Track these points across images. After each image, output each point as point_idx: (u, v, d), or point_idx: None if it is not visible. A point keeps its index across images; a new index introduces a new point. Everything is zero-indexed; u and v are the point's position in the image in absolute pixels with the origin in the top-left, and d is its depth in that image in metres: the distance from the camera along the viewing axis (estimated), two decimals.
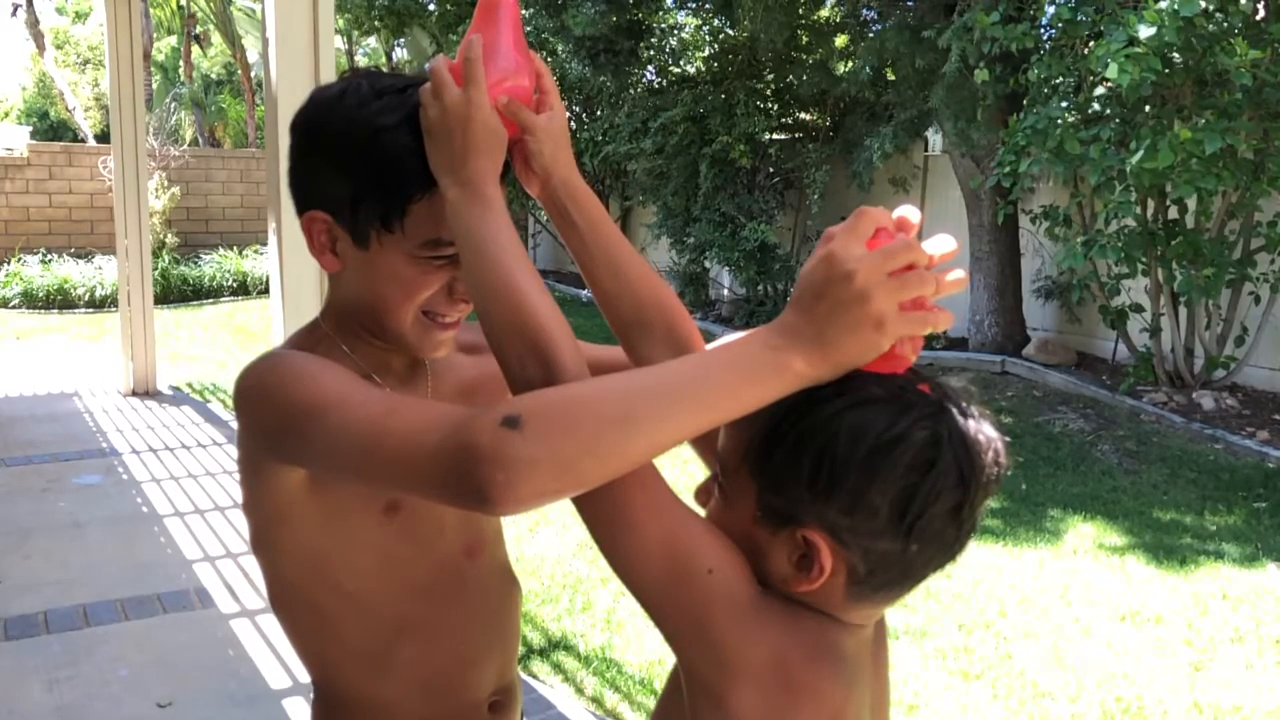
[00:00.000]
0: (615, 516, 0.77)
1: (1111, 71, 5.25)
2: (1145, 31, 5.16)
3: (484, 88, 0.87)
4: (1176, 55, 5.49)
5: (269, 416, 0.91)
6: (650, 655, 3.22)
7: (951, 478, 0.74)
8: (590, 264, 0.92)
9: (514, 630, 1.21)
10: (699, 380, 0.73)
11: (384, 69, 1.11)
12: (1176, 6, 5.09)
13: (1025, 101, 6.56)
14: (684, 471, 1.15)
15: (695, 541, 0.77)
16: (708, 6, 10.20)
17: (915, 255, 0.72)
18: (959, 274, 0.74)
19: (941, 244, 0.74)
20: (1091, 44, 5.76)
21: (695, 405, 0.73)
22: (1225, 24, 5.31)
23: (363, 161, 0.93)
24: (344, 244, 0.98)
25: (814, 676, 0.77)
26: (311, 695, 1.11)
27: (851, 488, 0.73)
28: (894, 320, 0.70)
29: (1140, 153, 5.40)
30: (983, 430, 0.77)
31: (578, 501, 0.77)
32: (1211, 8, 5.31)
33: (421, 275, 0.97)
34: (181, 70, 20.31)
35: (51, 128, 22.22)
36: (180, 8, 18.84)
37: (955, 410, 0.76)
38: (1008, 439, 0.79)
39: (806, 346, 0.72)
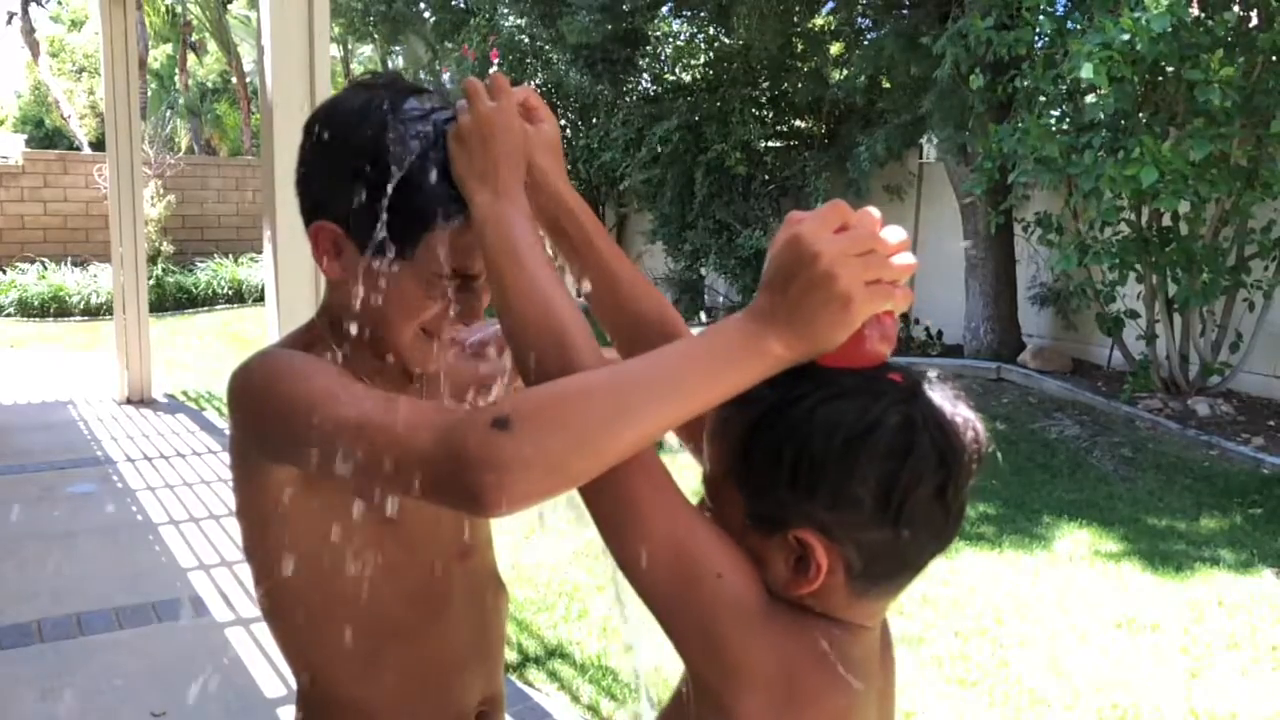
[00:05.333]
0: (625, 518, 0.77)
1: (1085, 71, 5.31)
2: (1121, 36, 5.22)
3: (514, 101, 0.89)
4: (1168, 66, 5.53)
5: (261, 413, 0.92)
6: (646, 663, 3.21)
7: (931, 460, 0.74)
8: (584, 276, 0.92)
9: (500, 637, 1.21)
10: (682, 370, 0.75)
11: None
12: (1147, 21, 5.14)
13: (1014, 109, 6.60)
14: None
15: (705, 545, 0.77)
16: (703, 14, 10.23)
17: (877, 243, 0.74)
18: (908, 257, 0.76)
19: (894, 234, 0.76)
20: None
21: (679, 395, 0.74)
22: (1210, 34, 5.35)
23: (383, 187, 0.92)
24: (350, 256, 0.97)
25: (821, 683, 0.77)
26: (296, 698, 1.11)
27: (832, 482, 0.74)
28: (861, 297, 0.72)
29: (1119, 161, 5.45)
30: (958, 411, 0.78)
31: (588, 502, 0.78)
32: (1202, 15, 5.35)
33: (426, 298, 0.97)
34: (177, 78, 20.30)
35: (47, 136, 22.16)
36: (176, 16, 18.84)
37: (928, 393, 0.77)
38: (983, 419, 0.80)
39: (781, 328, 0.73)
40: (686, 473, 0.90)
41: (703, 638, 0.76)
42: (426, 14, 12.07)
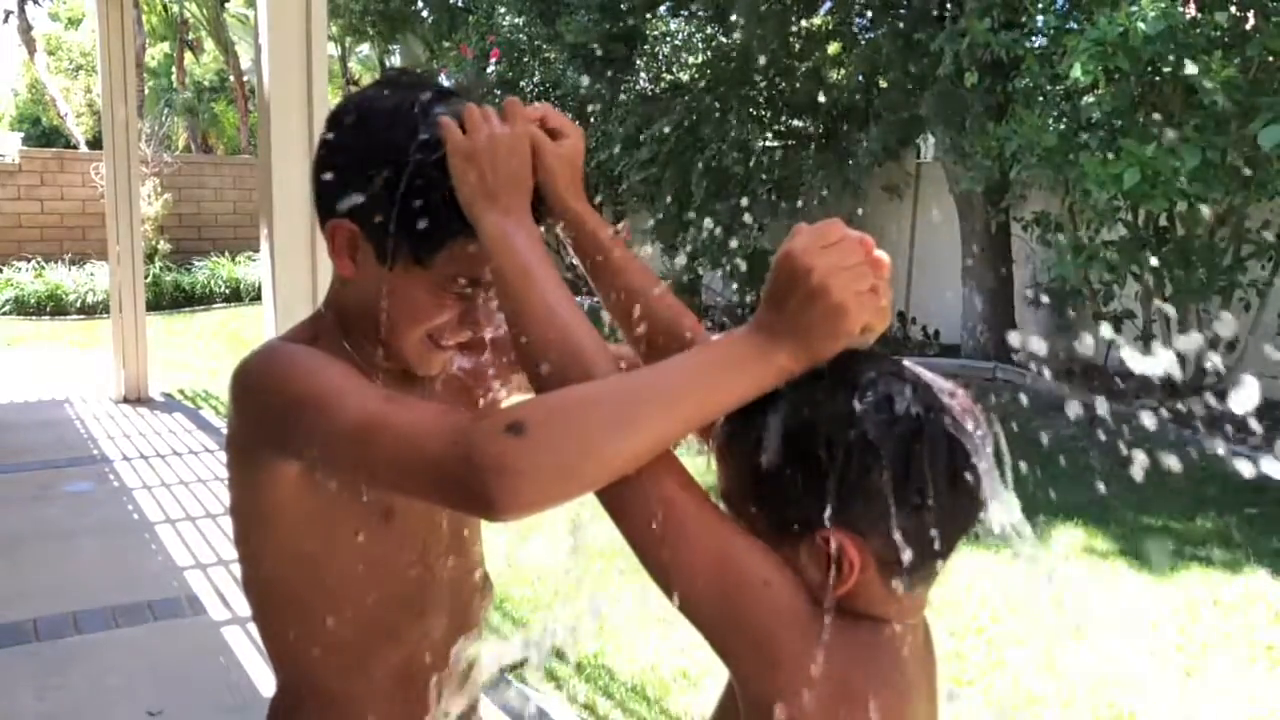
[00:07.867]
0: (664, 534, 0.77)
1: (1075, 70, 5.32)
2: (1115, 30, 5.23)
3: (527, 124, 0.91)
4: (1164, 67, 5.53)
5: (270, 407, 0.92)
6: (643, 662, 3.22)
7: (940, 439, 0.76)
8: (604, 292, 0.94)
9: (480, 633, 1.22)
10: (690, 380, 0.77)
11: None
12: (1141, 25, 5.15)
13: (1012, 109, 6.60)
14: None
15: (748, 554, 0.77)
16: (701, 14, 10.23)
17: (864, 250, 0.77)
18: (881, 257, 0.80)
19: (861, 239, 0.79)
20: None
21: (689, 405, 0.77)
22: (1207, 34, 5.35)
23: (410, 194, 0.92)
24: (365, 256, 0.97)
25: (871, 686, 0.77)
26: (276, 690, 1.12)
27: (845, 478, 0.74)
28: (856, 308, 0.75)
29: (1105, 161, 5.46)
30: (947, 387, 0.80)
31: (619, 520, 0.78)
32: (1199, 15, 5.35)
33: (437, 305, 0.97)
34: (174, 77, 20.28)
35: (43, 134, 22.09)
36: (173, 14, 18.81)
37: (914, 375, 0.79)
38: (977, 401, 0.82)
39: (784, 341, 0.76)
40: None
41: (752, 647, 0.76)
42: (424, 13, 12.06)
